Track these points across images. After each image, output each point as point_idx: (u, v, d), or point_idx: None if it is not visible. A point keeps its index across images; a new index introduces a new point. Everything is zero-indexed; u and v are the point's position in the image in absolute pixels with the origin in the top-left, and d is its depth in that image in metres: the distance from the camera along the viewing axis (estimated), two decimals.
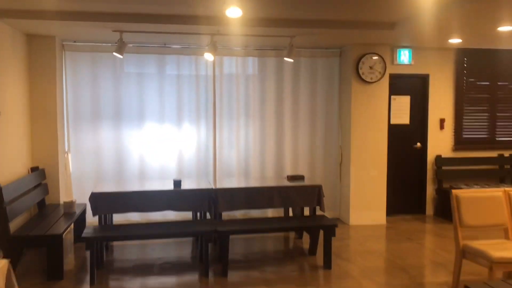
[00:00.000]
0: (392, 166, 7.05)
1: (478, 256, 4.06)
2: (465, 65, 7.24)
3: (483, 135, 7.41)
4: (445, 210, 7.07)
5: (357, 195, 6.73)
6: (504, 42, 6.37)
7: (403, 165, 7.23)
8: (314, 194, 5.40)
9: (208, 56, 5.56)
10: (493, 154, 7.42)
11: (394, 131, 7.09)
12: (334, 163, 7.08)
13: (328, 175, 7.07)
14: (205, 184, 5.49)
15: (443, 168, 7.22)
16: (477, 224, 4.30)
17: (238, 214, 6.72)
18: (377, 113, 6.70)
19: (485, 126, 7.41)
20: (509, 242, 4.27)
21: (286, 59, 5.78)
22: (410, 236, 6.14)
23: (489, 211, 4.33)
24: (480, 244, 4.16)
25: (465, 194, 4.33)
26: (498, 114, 7.41)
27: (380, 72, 6.62)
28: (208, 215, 5.71)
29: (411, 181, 7.29)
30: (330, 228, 4.90)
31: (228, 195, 5.19)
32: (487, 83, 7.35)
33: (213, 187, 5.23)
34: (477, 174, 7.32)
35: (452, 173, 7.25)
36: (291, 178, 5.86)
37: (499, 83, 7.38)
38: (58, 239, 4.48)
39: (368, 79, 6.60)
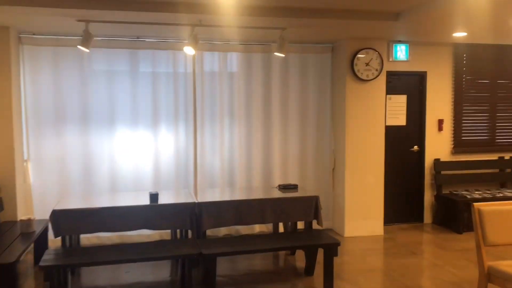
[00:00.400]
0: (387, 171, 6.48)
1: (508, 280, 3.51)
2: (464, 61, 6.74)
3: (483, 137, 6.94)
4: (445, 218, 6.56)
5: (352, 204, 6.15)
6: None
7: (399, 170, 6.68)
8: (310, 206, 4.78)
9: (189, 50, 4.86)
10: (493, 157, 6.95)
11: (390, 133, 6.53)
12: (327, 169, 6.47)
13: (320, 182, 6.46)
14: (186, 197, 4.80)
15: (442, 172, 6.70)
16: (503, 242, 3.75)
17: (223, 228, 6.04)
18: (374, 114, 6.13)
19: (485, 127, 6.93)
20: None
21: (276, 54, 5.14)
22: (413, 250, 5.58)
23: None
24: (509, 266, 3.61)
25: (488, 207, 3.77)
26: (497, 115, 6.95)
27: (376, 69, 6.05)
28: (189, 232, 5.02)
29: (407, 187, 6.75)
30: (331, 247, 4.28)
31: (213, 210, 4.52)
32: (487, 81, 6.87)
33: (196, 201, 4.54)
34: (477, 178, 6.83)
35: (452, 177, 6.74)
36: (283, 187, 5.23)
37: (498, 81, 6.91)
38: (10, 269, 3.72)
39: (363, 77, 6.02)
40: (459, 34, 5.67)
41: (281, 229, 5.75)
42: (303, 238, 4.45)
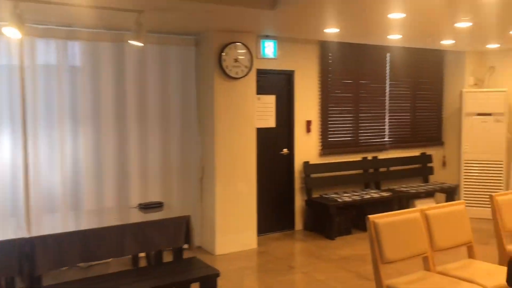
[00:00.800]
0: (257, 177, 5.94)
1: None
2: (330, 61, 6.55)
3: (348, 137, 6.85)
4: (316, 223, 6.29)
5: (223, 217, 5.46)
6: (382, 35, 5.76)
7: (269, 175, 6.21)
8: (181, 229, 3.94)
9: (11, 33, 3.61)
10: (358, 157, 6.92)
11: (259, 135, 5.99)
12: (194, 179, 5.67)
13: (187, 194, 5.63)
14: (13, 230, 3.57)
15: (312, 175, 6.42)
16: (401, 257, 3.41)
17: None
18: (245, 116, 5.53)
19: (350, 128, 6.86)
20: (434, 275, 3.48)
21: (132, 42, 4.17)
22: (290, 263, 5.11)
23: (409, 239, 3.47)
24: (407, 284, 3.26)
25: (383, 219, 3.39)
26: (360, 115, 6.93)
27: (246, 66, 5.45)
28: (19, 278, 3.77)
29: (278, 193, 6.31)
30: (210, 279, 3.51)
31: (52, 246, 3.39)
32: (351, 81, 6.79)
33: (27, 236, 3.37)
34: (345, 180, 6.73)
35: (321, 180, 6.50)
36: (145, 207, 4.29)
37: (360, 82, 6.89)
38: None
39: (233, 74, 5.37)
40: (331, 30, 5.36)
41: (142, 254, 4.79)
42: (174, 272, 3.59)
